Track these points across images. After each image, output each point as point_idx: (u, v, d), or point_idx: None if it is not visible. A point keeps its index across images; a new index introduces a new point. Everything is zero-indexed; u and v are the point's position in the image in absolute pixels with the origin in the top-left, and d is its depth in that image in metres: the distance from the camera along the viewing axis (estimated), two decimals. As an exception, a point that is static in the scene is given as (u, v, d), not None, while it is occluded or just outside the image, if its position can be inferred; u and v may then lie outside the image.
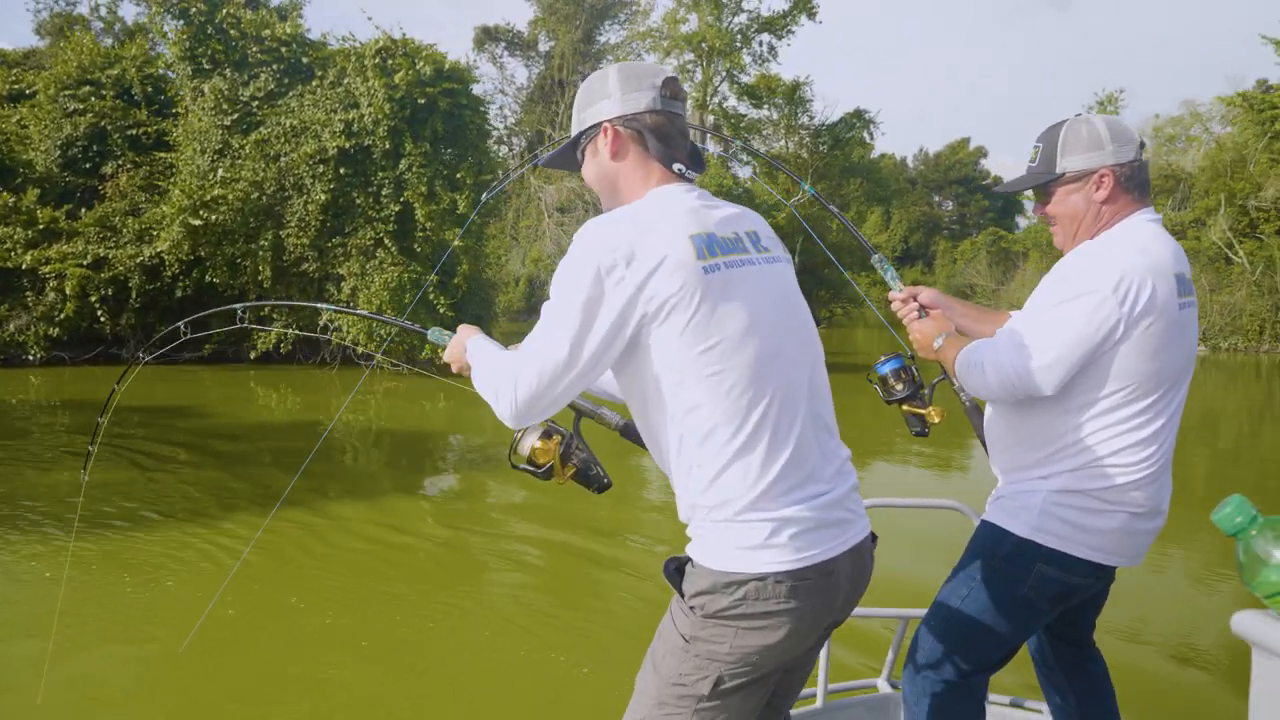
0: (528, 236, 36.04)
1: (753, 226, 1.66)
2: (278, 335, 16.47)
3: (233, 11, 16.24)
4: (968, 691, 2.11)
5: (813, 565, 1.52)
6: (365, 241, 15.86)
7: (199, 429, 10.96)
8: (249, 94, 16.24)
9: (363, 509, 7.23)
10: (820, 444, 1.60)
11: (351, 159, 15.78)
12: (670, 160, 1.64)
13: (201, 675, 4.02)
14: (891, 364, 2.42)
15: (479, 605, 5.22)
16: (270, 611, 4.88)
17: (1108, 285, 1.90)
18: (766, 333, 1.55)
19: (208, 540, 6.16)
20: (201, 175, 16.00)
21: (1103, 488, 1.98)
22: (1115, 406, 1.97)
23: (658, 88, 1.65)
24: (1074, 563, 2.00)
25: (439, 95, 15.67)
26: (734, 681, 1.53)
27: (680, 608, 1.56)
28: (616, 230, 1.51)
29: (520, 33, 40.09)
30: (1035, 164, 2.14)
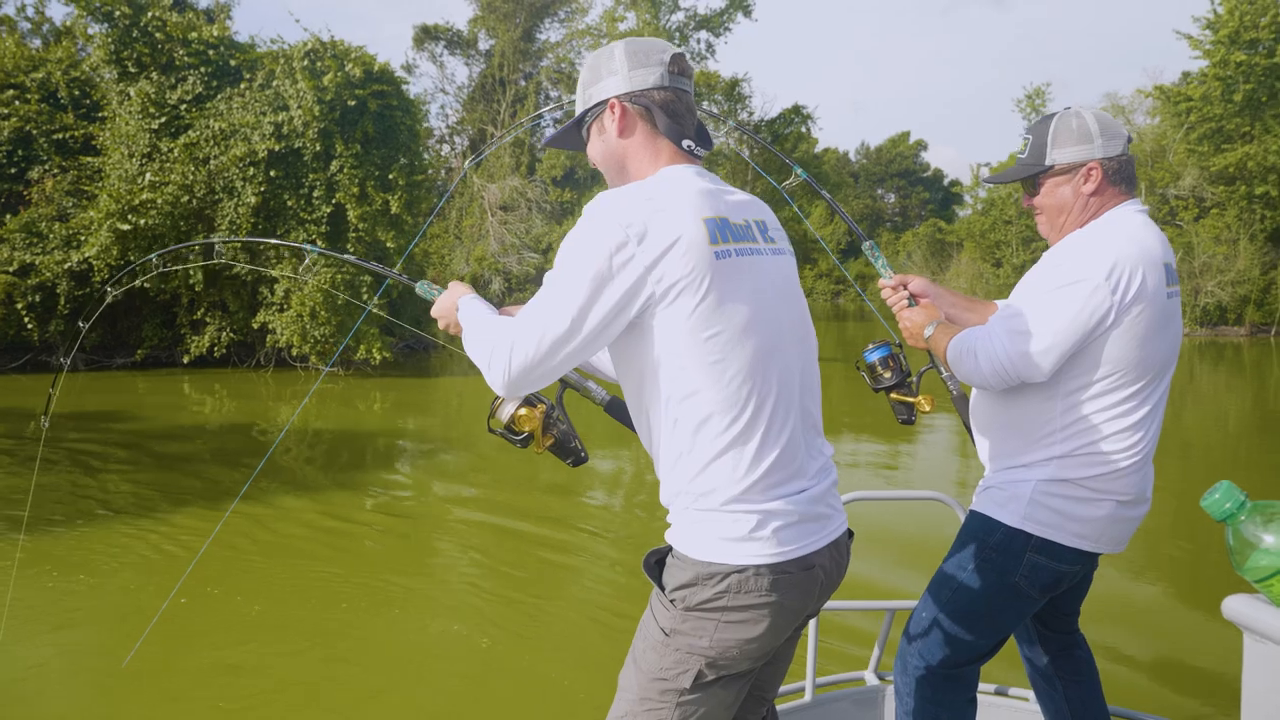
0: (471, 235, 36.03)
1: (761, 216, 1.66)
2: (211, 339, 16.45)
3: (158, 15, 16.14)
4: (960, 681, 2.12)
5: (795, 559, 1.52)
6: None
7: (136, 431, 11.00)
8: (176, 97, 16.17)
9: (306, 503, 7.47)
10: (807, 440, 1.61)
11: (282, 161, 15.81)
12: (680, 137, 1.62)
13: (152, 667, 4.21)
14: (879, 352, 2.42)
15: (429, 588, 5.51)
16: (218, 602, 5.09)
17: (1100, 273, 1.92)
18: (769, 326, 1.55)
19: (155, 535, 6.36)
20: (130, 179, 15.90)
21: (1091, 476, 2.00)
22: (1103, 393, 1.99)
23: (665, 64, 1.62)
24: (1063, 551, 2.02)
25: (369, 97, 15.76)
26: (715, 674, 1.53)
27: (660, 602, 1.56)
28: (631, 206, 1.48)
29: (460, 31, 40.03)
30: (1025, 156, 2.15)
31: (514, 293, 34.62)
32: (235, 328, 16.56)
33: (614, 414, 1.96)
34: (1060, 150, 2.08)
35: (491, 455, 9.92)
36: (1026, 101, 38.72)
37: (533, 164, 36.29)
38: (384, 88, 16.02)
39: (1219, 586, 5.53)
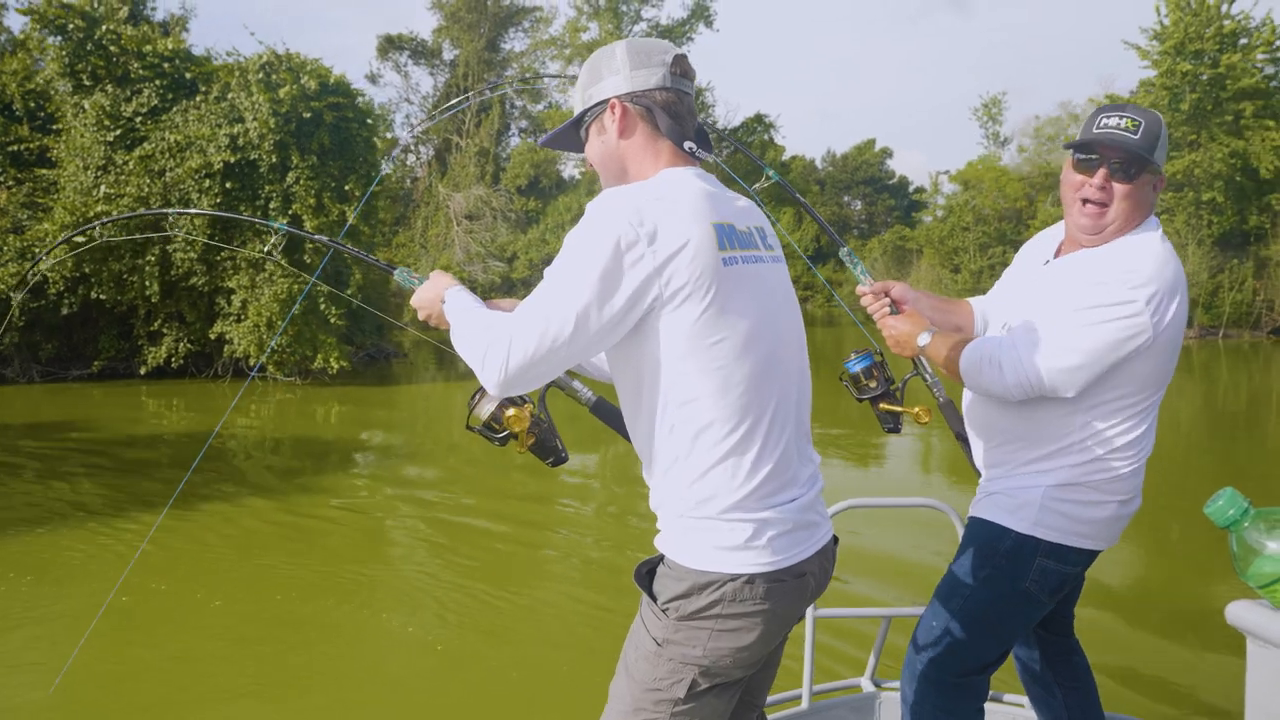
0: (436, 244, 36.19)
1: (760, 222, 1.65)
2: (168, 350, 16.51)
3: (113, 28, 16.22)
4: (971, 690, 2.12)
5: (788, 567, 1.53)
6: (254, 254, 16.02)
7: (92, 440, 11.12)
8: (132, 110, 16.24)
9: (265, 504, 7.71)
10: (800, 449, 1.62)
11: (238, 173, 15.93)
12: (681, 138, 1.59)
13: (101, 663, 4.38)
14: (862, 362, 2.36)
15: (389, 580, 5.76)
16: (171, 599, 5.30)
17: (1143, 298, 1.89)
18: (771, 335, 1.54)
19: (107, 535, 6.55)
20: (85, 192, 15.95)
21: (1099, 481, 2.01)
22: (1121, 407, 1.99)
23: (668, 64, 1.60)
24: (1071, 553, 2.03)
25: (325, 109, 15.92)
26: (709, 683, 1.52)
27: (652, 611, 1.55)
28: (641, 204, 1.46)
29: (424, 41, 40.19)
30: (1137, 137, 2.00)
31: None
32: (192, 338, 16.63)
33: (600, 416, 1.90)
34: (1161, 153, 2.01)
35: (457, 466, 10.14)
36: (984, 110, 39.50)
37: (497, 173, 36.49)
38: (340, 100, 16.19)
39: (1221, 592, 5.20)
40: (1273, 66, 30.65)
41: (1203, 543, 6.28)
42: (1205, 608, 5.16)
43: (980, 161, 38.75)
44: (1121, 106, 2.04)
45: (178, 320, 16.80)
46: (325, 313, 16.13)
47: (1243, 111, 29.64)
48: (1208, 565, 6.01)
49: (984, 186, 36.28)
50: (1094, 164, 2.01)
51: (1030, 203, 35.21)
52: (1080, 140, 2.04)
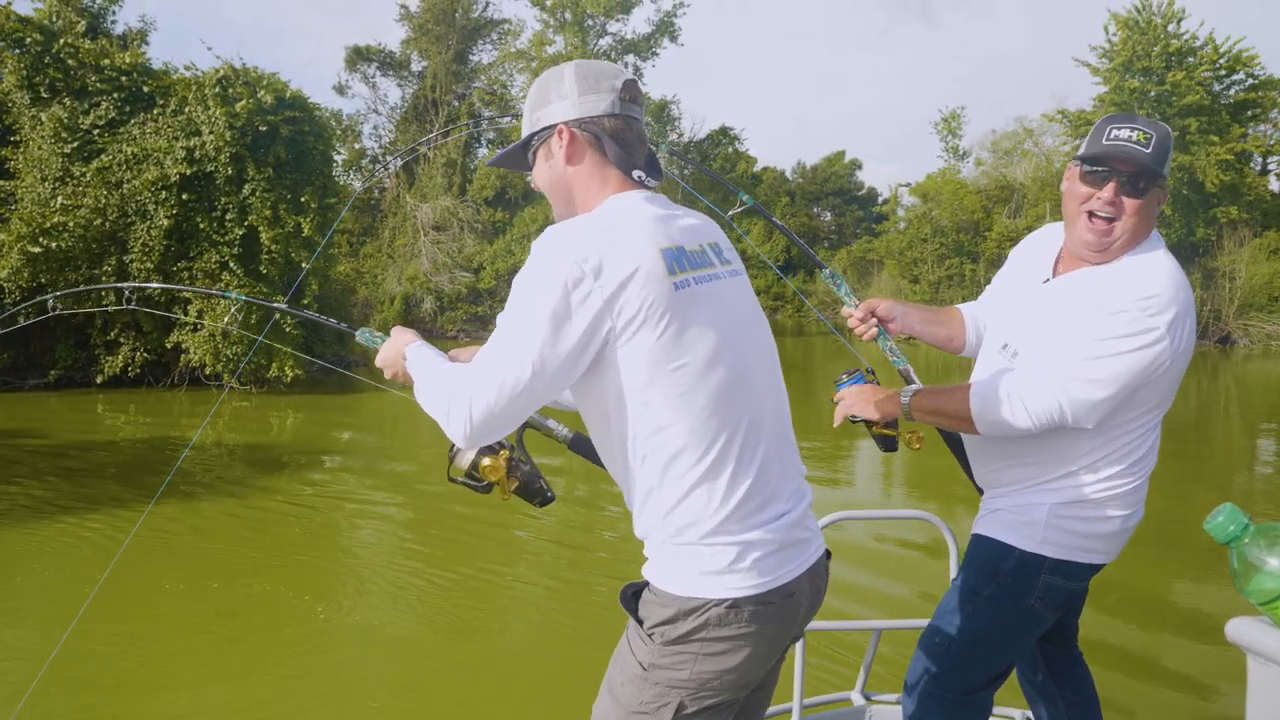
0: (404, 255, 36.41)
1: (714, 238, 1.62)
2: (125, 359, 16.70)
3: (70, 41, 16.47)
4: (974, 707, 2.11)
5: (776, 588, 1.50)
6: (210, 265, 16.29)
7: (49, 446, 11.37)
8: (90, 122, 16.48)
9: (229, 504, 8.05)
10: (781, 463, 1.58)
11: (194, 185, 16.20)
12: (630, 167, 1.58)
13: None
14: (853, 382, 2.30)
15: (336, 568, 6.15)
16: (149, 593, 5.63)
17: (1164, 324, 1.86)
18: (735, 351, 1.52)
19: (61, 532, 6.87)
20: (42, 203, 16.15)
21: (1104, 498, 1.99)
22: (1132, 428, 1.99)
23: (617, 90, 1.59)
24: (1077, 569, 2.03)
25: (280, 122, 16.23)
26: (696, 706, 1.51)
27: (638, 635, 1.53)
28: (583, 239, 1.44)
29: (392, 53, 40.48)
30: (1149, 151, 1.92)
31: (446, 311, 35.05)
32: (149, 348, 16.84)
33: (579, 450, 1.89)
34: (1168, 167, 1.97)
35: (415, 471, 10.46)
36: (943, 124, 40.31)
37: (464, 184, 36.81)
38: (296, 114, 16.50)
39: (1222, 609, 5.62)
40: (1217, 84, 31.61)
41: (1176, 553, 6.38)
42: (1205, 623, 5.19)
43: (940, 174, 39.56)
44: (1131, 117, 1.98)
45: (134, 330, 17.00)
46: (282, 323, 16.39)
47: (1188, 127, 30.53)
48: (1198, 579, 6.07)
49: (942, 199, 37.05)
50: (1103, 177, 1.93)
51: (987, 214, 36.00)
52: (1090, 153, 1.96)
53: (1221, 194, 30.99)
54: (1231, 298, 31.33)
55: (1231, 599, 1.55)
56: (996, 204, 36.17)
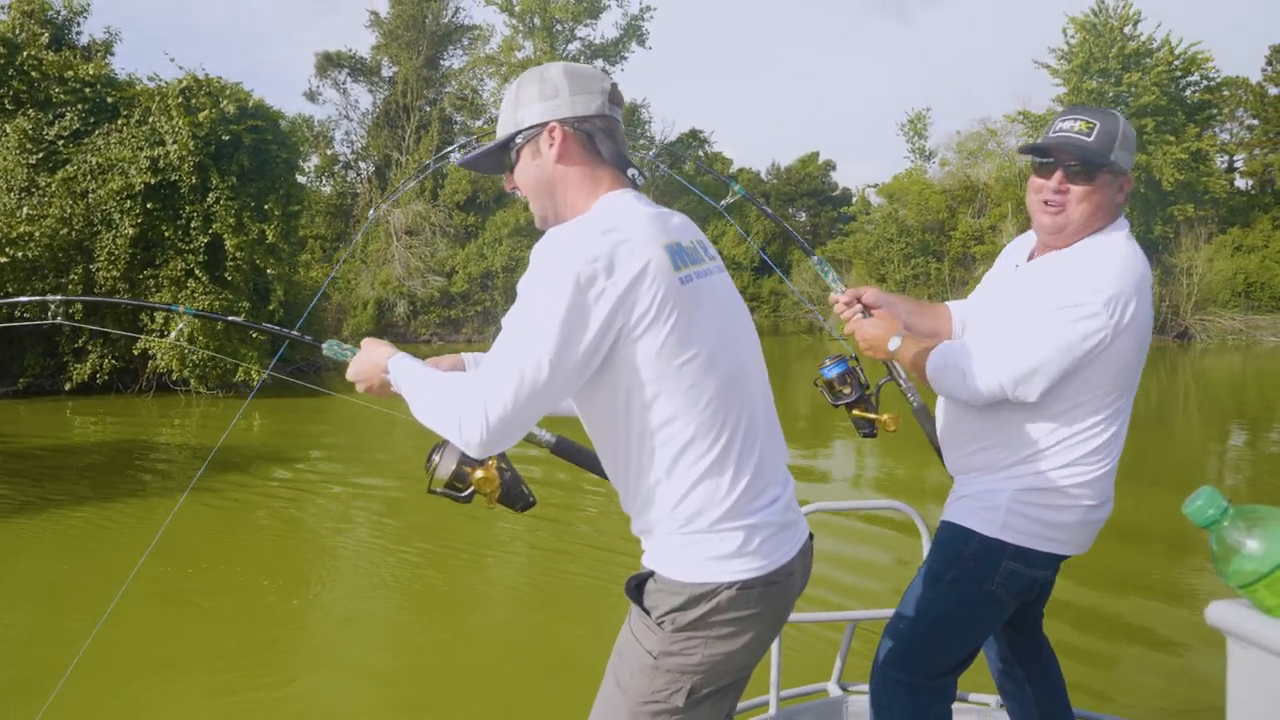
0: (376, 260, 36.64)
1: (699, 235, 1.65)
2: (93, 366, 16.95)
3: (34, 54, 16.72)
4: (939, 693, 2.13)
5: (778, 568, 1.55)
6: (176, 272, 16.57)
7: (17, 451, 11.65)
8: (54, 133, 16.74)
9: (192, 497, 8.36)
10: (773, 450, 1.63)
11: (159, 194, 16.49)
12: (624, 165, 1.60)
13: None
14: (836, 368, 2.35)
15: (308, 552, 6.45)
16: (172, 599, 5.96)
17: (1100, 300, 1.90)
18: (733, 344, 1.56)
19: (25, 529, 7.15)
20: (8, 213, 16.38)
21: (1064, 487, 2.01)
22: (1086, 413, 1.99)
23: (606, 92, 1.61)
24: (1038, 557, 2.04)
25: (244, 132, 16.55)
26: (707, 689, 1.54)
27: (644, 625, 1.55)
28: (591, 239, 1.45)
29: (363, 59, 40.70)
30: (1090, 139, 2.00)
31: (419, 315, 35.31)
32: (117, 354, 17.09)
33: (562, 454, 1.88)
34: (1121, 154, 2.01)
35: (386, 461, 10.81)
36: (910, 125, 40.95)
37: (436, 189, 37.09)
38: (259, 123, 16.82)
39: (1202, 592, 5.37)
40: (1173, 85, 32.36)
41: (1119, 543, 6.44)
42: (1181, 608, 5.28)
43: (906, 175, 40.20)
44: (1080, 109, 2.06)
45: (102, 337, 17.23)
46: (244, 329, 16.69)
47: (1145, 127, 31.25)
48: (1176, 564, 6.19)
49: (908, 199, 37.68)
50: (1050, 167, 2.03)
51: (951, 214, 36.65)
52: (1035, 145, 2.08)
53: (1178, 192, 31.75)
54: (1189, 294, 32.08)
55: (1194, 584, 1.68)
56: (961, 204, 36.82)
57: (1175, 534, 6.63)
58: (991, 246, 33.03)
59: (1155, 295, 16.99)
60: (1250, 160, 40.94)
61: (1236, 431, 13.81)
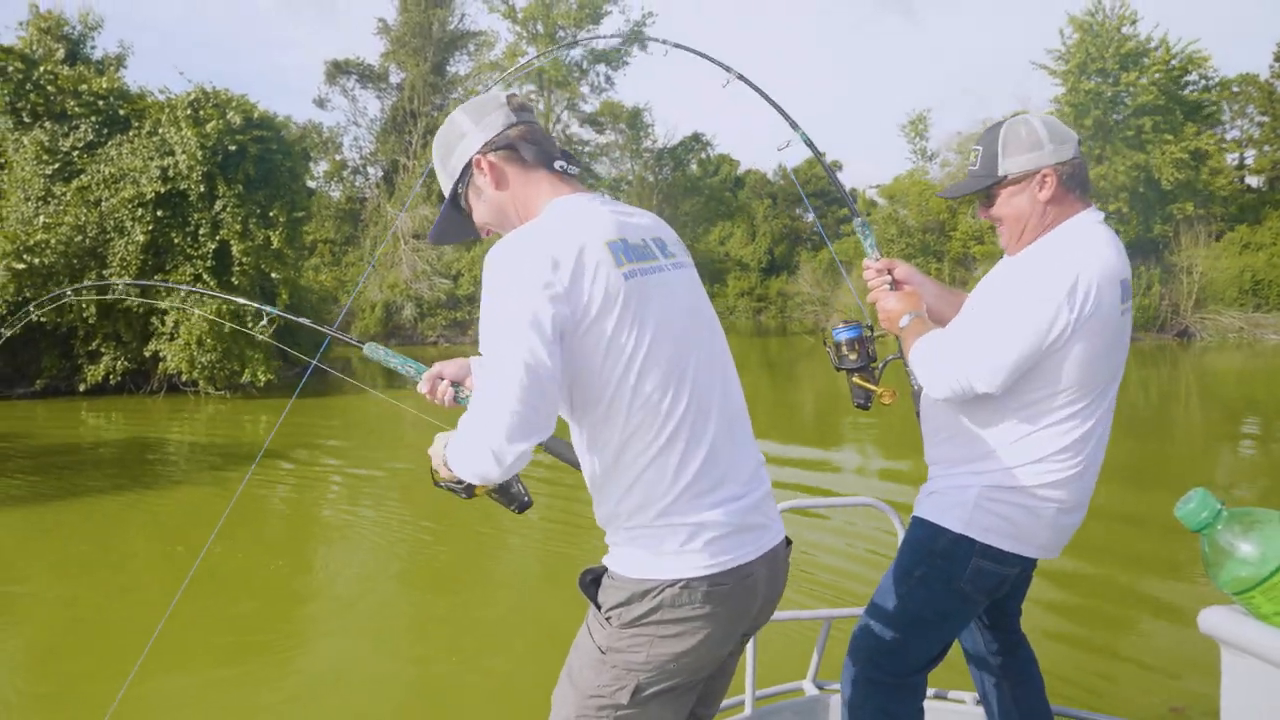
0: (384, 263, 37.26)
1: (659, 234, 1.66)
2: (106, 368, 17.64)
3: (50, 69, 17.44)
4: (910, 690, 2.12)
5: (729, 570, 1.52)
6: (185, 277, 17.23)
7: (37, 447, 12.32)
8: (69, 144, 17.45)
9: (204, 489, 8.94)
10: (734, 449, 1.61)
11: (169, 202, 17.16)
12: (550, 159, 1.63)
13: None
14: (849, 332, 2.36)
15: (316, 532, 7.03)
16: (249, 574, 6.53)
17: (1061, 290, 1.89)
18: (680, 339, 1.56)
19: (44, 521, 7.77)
20: (26, 221, 17.09)
21: (1033, 485, 1.99)
22: (1051, 409, 1.98)
23: (504, 104, 1.66)
24: (1006, 555, 2.03)
25: (249, 142, 17.19)
26: (653, 689, 1.53)
27: (596, 620, 1.57)
28: (533, 242, 1.49)
29: (371, 66, 41.39)
30: (976, 167, 2.10)
31: (425, 317, 35.92)
32: (129, 357, 17.77)
33: (553, 451, 1.88)
34: (1012, 159, 2.04)
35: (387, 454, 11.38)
36: (911, 126, 41.27)
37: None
38: (264, 133, 17.46)
39: (1193, 598, 5.19)
40: (1172, 84, 32.59)
41: (1116, 540, 6.48)
42: (1175, 613, 5.23)
43: (907, 176, 40.54)
44: (980, 139, 2.13)
45: (115, 340, 17.92)
46: (252, 331, 17.32)
47: (1143, 126, 31.51)
48: (1165, 569, 6.13)
49: (908, 200, 38.04)
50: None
51: (952, 214, 37.00)
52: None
53: (1177, 191, 31.96)
54: (1189, 292, 32.29)
55: (1189, 586, 1.78)
56: (961, 204, 37.18)
57: (1174, 532, 6.59)
58: (991, 247, 33.32)
59: (1155, 294, 17.02)
60: (1260, 157, 41.05)
61: (1243, 430, 13.57)
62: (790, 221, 77.79)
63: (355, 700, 4.37)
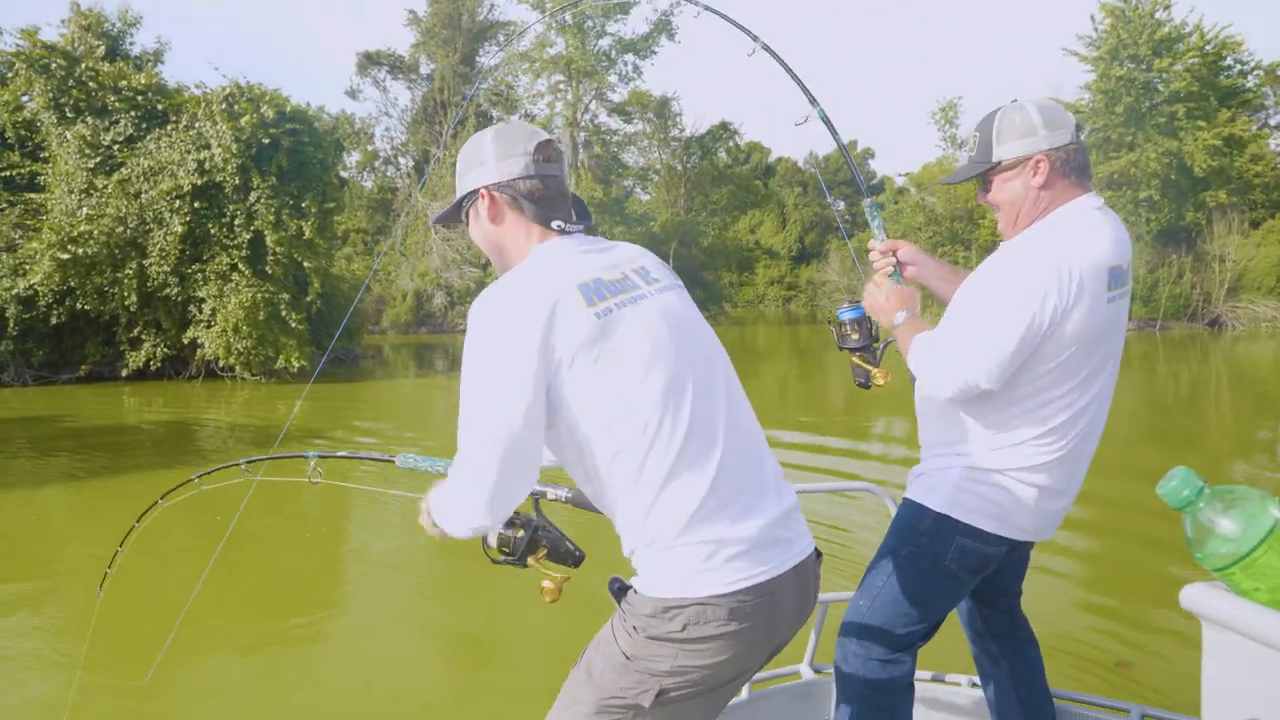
0: (415, 252, 37.85)
1: (641, 263, 1.71)
2: (147, 354, 18.31)
3: (91, 65, 18.08)
4: (898, 667, 2.15)
5: (752, 586, 1.54)
6: (222, 267, 17.83)
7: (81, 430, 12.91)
8: (110, 139, 18.10)
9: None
10: (747, 463, 1.62)
11: (205, 193, 17.75)
12: (548, 220, 1.68)
13: None
14: (852, 312, 2.38)
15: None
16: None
17: (1045, 280, 1.91)
18: (671, 361, 1.58)
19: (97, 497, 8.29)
20: (70, 213, 17.77)
21: (1013, 469, 2.02)
22: (1032, 393, 1.99)
23: (530, 153, 1.69)
24: (988, 536, 2.06)
25: (282, 135, 17.72)
26: (678, 693, 1.55)
27: (623, 626, 1.58)
28: (507, 296, 1.55)
29: (401, 57, 41.95)
30: (975, 153, 2.13)
31: (456, 305, 36.46)
32: (168, 343, 18.43)
33: (581, 505, 1.91)
34: (1006, 145, 2.07)
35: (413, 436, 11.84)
36: (940, 114, 41.01)
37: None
38: (296, 126, 17.99)
39: (1174, 574, 5.24)
40: (1207, 70, 32.15)
41: (1152, 527, 6.45)
42: (1160, 591, 5.24)
43: (936, 164, 40.35)
44: (976, 127, 2.15)
45: (155, 327, 18.58)
46: (287, 318, 17.89)
47: (1176, 113, 31.13)
48: (1160, 548, 6.14)
49: (937, 188, 37.88)
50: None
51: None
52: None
53: (1210, 178, 31.57)
54: (1221, 280, 31.93)
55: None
56: (989, 192, 36.90)
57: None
58: (1019, 234, 33.12)
59: (1186, 282, 16.54)
60: (1305, 143, 40.19)
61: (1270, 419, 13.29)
62: (821, 210, 77.57)
63: (403, 644, 4.83)
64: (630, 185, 44.12)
